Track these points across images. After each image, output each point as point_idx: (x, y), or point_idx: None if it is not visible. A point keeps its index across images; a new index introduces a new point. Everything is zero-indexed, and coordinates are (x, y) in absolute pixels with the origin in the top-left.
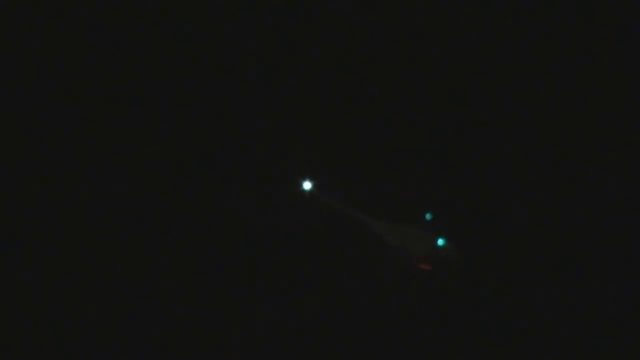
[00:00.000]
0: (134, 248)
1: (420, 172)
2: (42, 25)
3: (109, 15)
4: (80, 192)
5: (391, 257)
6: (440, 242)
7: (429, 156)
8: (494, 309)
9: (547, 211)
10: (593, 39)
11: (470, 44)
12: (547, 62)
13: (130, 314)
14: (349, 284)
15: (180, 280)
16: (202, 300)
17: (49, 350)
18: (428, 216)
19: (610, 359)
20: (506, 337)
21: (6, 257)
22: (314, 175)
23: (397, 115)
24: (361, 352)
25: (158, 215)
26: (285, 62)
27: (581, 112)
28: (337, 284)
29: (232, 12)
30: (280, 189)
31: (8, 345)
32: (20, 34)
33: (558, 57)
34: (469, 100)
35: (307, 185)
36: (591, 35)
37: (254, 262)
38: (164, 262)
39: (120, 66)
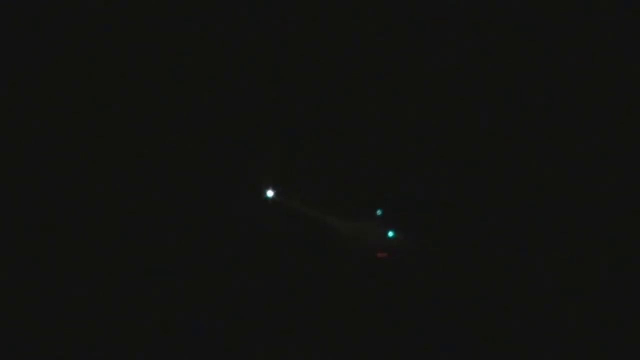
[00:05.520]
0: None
1: (370, 175)
2: (41, 26)
3: (107, 16)
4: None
5: (352, 249)
6: (390, 234)
7: (378, 162)
8: (442, 287)
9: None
10: (591, 39)
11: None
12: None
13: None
14: (317, 275)
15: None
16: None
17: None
18: (379, 212)
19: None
20: (455, 311)
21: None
22: (276, 184)
23: (347, 125)
24: (331, 335)
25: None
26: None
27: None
28: (306, 275)
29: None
30: (246, 197)
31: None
32: (19, 34)
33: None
34: (415, 108)
35: (269, 193)
36: (590, 35)
37: (227, 261)
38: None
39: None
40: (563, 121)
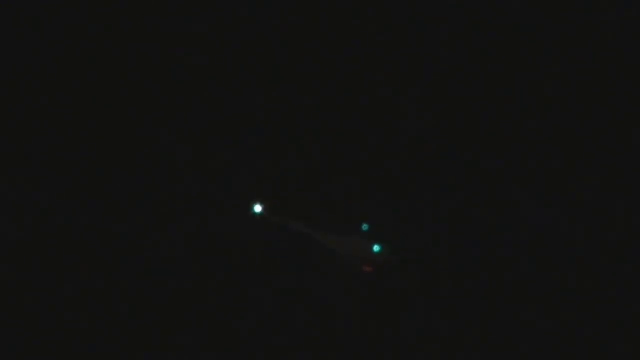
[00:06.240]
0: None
1: (356, 192)
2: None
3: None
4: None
5: (339, 263)
6: (376, 248)
7: (364, 176)
8: (429, 301)
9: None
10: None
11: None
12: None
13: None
14: (306, 288)
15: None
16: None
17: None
18: (365, 227)
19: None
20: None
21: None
22: (264, 199)
23: (332, 139)
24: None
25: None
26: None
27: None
28: (295, 289)
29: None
30: (233, 212)
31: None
32: (20, 34)
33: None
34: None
35: (257, 208)
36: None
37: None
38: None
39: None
40: (561, 124)
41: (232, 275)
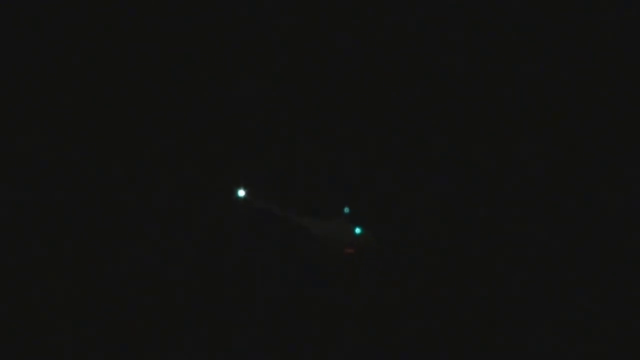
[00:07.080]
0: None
1: (337, 176)
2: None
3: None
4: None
5: (320, 246)
6: (358, 230)
7: (343, 163)
8: (409, 281)
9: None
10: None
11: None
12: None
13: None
14: (290, 270)
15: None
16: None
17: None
18: (346, 210)
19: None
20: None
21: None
22: (247, 184)
23: (315, 125)
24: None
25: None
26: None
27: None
28: (279, 271)
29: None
30: (217, 197)
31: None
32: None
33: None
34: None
35: (241, 192)
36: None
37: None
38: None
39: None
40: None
41: (216, 259)
